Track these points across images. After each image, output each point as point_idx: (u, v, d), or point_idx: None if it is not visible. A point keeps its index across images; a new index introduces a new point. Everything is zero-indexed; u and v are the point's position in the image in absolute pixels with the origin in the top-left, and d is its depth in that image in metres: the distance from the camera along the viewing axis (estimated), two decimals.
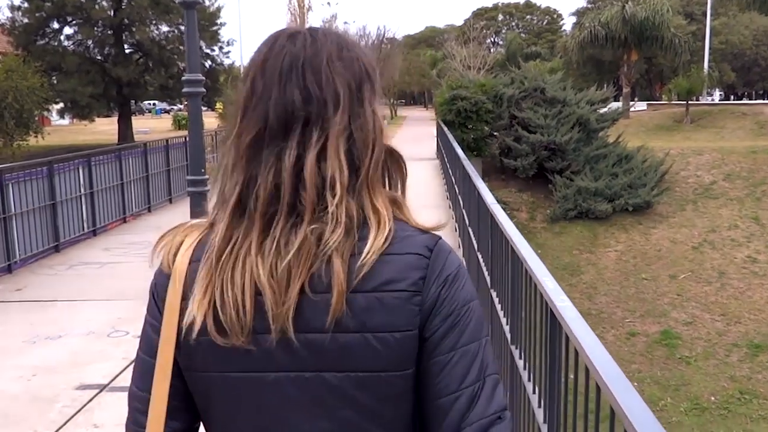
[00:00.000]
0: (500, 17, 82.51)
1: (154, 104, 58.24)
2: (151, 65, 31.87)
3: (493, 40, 75.26)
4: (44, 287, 7.62)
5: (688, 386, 13.28)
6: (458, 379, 1.01)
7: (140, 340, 1.11)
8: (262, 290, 0.98)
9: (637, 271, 17.44)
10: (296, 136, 1.01)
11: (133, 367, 1.13)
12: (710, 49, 39.00)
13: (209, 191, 1.14)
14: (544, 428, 2.43)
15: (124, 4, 30.47)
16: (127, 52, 32.13)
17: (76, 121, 37.49)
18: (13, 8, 29.93)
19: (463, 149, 10.57)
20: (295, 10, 32.70)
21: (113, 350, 5.54)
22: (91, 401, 4.63)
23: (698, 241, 18.38)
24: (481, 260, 5.11)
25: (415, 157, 19.39)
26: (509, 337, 3.38)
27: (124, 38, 31.62)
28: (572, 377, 2.02)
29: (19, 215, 8.53)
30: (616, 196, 19.28)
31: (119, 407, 3.78)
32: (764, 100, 47.44)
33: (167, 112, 55.82)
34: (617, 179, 19.55)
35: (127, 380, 1.11)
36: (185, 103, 6.85)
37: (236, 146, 1.04)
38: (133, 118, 36.17)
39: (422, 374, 1.03)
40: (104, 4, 30.50)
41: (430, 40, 79.51)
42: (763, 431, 12.14)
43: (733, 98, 51.73)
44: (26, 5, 29.70)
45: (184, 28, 7.05)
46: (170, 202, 13.49)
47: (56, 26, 30.92)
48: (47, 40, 30.73)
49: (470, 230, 6.40)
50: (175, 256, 1.06)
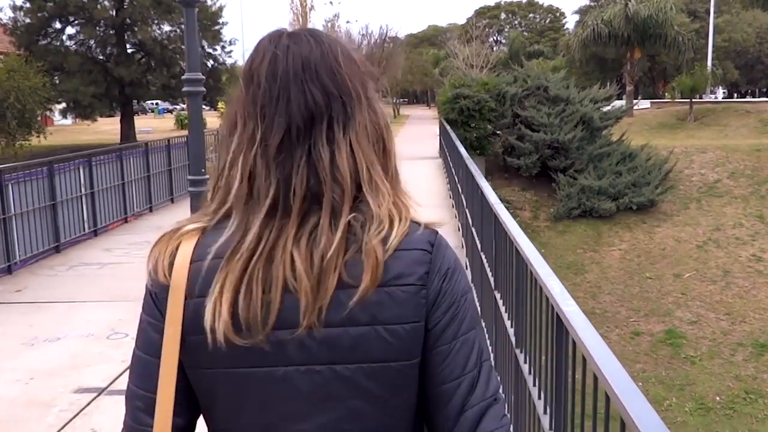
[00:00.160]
0: (503, 16, 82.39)
1: (156, 104, 58.18)
2: (153, 65, 31.84)
3: (495, 38, 75.05)
4: (44, 288, 7.58)
5: (693, 386, 13.20)
6: (460, 366, 1.06)
7: (137, 339, 1.11)
8: (297, 286, 1.00)
9: (641, 269, 17.36)
10: (323, 134, 1.04)
11: (130, 366, 1.12)
12: (713, 46, 38.84)
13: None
14: None
15: (126, 3, 30.43)
16: (129, 51, 32.11)
17: (78, 120, 37.47)
18: (15, 8, 29.93)
19: (465, 148, 10.52)
20: (297, 9, 32.65)
21: (112, 352, 5.50)
22: (89, 405, 4.58)
23: (703, 239, 18.29)
24: (484, 260, 5.04)
25: (417, 156, 19.35)
26: (514, 341, 3.31)
27: (126, 38, 31.60)
28: (573, 379, 1.96)
29: (19, 215, 8.48)
30: (619, 194, 19.21)
31: (117, 411, 3.72)
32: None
33: (170, 111, 55.79)
34: (621, 178, 19.48)
35: (125, 384, 1.11)
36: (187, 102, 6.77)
37: (263, 150, 1.04)
38: (135, 117, 36.19)
39: (425, 362, 1.07)
40: (106, 3, 30.48)
41: (432, 38, 79.40)
42: None
43: (736, 96, 51.52)
44: (28, 5, 29.68)
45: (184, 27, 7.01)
46: (172, 201, 13.46)
47: (58, 26, 30.91)
48: (49, 40, 30.71)
49: (473, 230, 6.34)
50: (174, 256, 1.07)
